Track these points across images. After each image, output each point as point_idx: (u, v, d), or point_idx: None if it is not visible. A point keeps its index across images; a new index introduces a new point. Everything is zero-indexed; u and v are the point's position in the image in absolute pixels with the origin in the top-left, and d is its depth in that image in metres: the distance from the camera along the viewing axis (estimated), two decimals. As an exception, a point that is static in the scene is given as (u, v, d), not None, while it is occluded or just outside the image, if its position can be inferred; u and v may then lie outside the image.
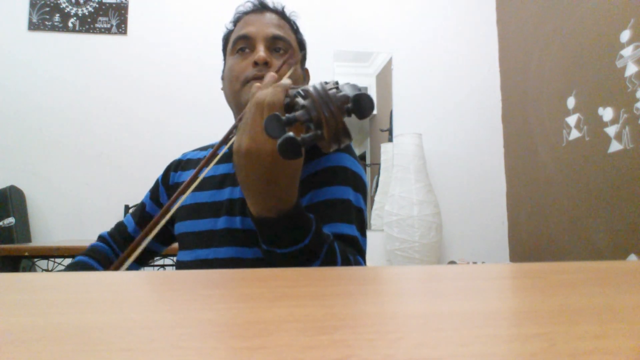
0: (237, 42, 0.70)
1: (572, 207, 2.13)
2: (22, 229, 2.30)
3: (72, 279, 0.30)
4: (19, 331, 0.15)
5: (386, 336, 0.14)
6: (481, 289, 0.25)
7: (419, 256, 2.33)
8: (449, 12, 2.88)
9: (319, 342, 0.14)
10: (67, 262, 1.37)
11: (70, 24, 2.56)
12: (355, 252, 0.59)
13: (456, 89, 2.82)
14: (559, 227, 2.24)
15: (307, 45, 0.79)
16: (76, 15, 2.57)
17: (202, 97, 2.55)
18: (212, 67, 2.13)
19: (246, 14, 0.73)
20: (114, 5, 2.61)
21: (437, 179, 2.66)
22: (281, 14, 0.75)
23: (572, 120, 2.15)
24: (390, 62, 2.80)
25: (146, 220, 0.79)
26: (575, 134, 2.13)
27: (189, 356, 0.13)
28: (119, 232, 0.80)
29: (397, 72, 2.79)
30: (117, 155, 2.49)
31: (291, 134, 0.33)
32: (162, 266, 2.11)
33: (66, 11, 2.57)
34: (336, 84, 0.40)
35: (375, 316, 0.18)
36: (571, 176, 2.15)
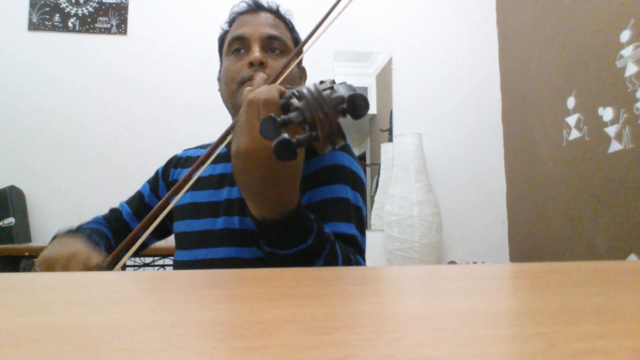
0: (232, 43, 0.70)
1: (572, 207, 2.13)
2: (22, 229, 2.30)
3: (72, 279, 0.30)
4: (19, 331, 0.15)
5: (386, 336, 0.14)
6: (481, 289, 0.25)
7: (419, 256, 2.33)
8: (448, 12, 2.88)
9: (319, 342, 0.14)
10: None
11: (70, 24, 2.56)
12: (355, 252, 0.59)
13: (456, 89, 2.82)
14: (559, 227, 2.24)
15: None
16: (76, 15, 2.57)
17: (202, 97, 2.55)
18: (211, 67, 2.12)
19: (241, 14, 0.73)
20: (114, 5, 2.61)
21: (437, 179, 2.66)
22: (276, 13, 0.74)
23: (572, 120, 2.15)
24: (390, 62, 2.79)
25: (144, 210, 0.79)
26: (575, 134, 2.13)
27: (189, 356, 0.13)
28: (115, 218, 0.79)
29: (397, 72, 2.79)
30: (117, 155, 2.49)
31: (286, 136, 0.33)
32: (162, 266, 2.11)
33: (66, 11, 2.57)
34: (332, 83, 0.40)
35: (375, 316, 0.18)
36: (571, 176, 2.15)
